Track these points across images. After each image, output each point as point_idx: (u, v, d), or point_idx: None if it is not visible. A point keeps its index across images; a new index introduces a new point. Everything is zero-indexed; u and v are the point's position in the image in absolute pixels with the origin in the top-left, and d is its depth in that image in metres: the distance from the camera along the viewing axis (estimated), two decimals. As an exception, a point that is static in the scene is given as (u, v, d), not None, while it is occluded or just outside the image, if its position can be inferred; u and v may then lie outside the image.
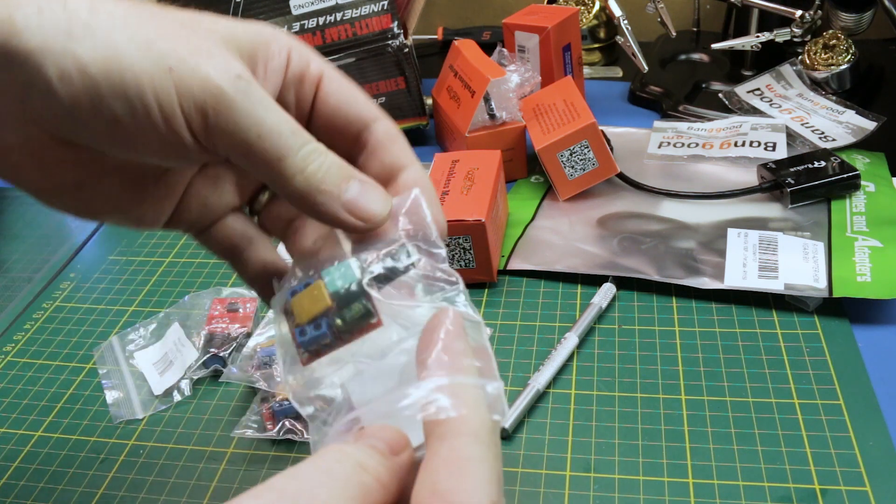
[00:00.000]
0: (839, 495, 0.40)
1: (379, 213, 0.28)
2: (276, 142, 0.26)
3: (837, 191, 0.62)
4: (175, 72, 0.24)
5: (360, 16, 0.74)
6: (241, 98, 0.25)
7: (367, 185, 0.28)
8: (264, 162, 0.26)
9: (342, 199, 0.27)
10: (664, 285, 0.56)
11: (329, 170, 0.27)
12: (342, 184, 0.27)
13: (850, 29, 0.76)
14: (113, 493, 0.44)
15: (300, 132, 0.26)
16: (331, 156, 0.27)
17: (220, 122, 0.25)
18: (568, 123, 0.64)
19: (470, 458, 0.22)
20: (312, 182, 0.27)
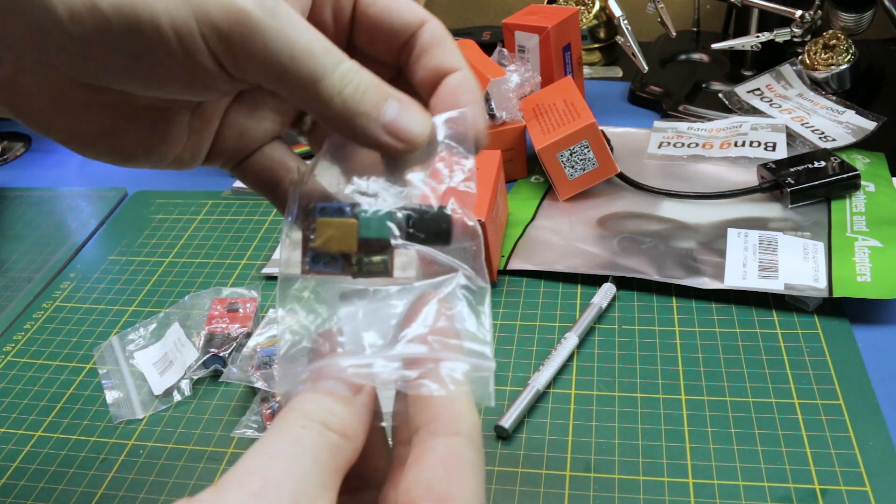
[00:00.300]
0: (839, 495, 0.40)
1: (420, 133, 0.26)
2: (309, 63, 0.24)
3: (837, 191, 0.62)
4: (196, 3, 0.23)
5: (360, 16, 0.74)
6: (268, 19, 0.23)
7: (406, 104, 0.26)
8: (299, 85, 0.24)
9: (382, 121, 0.26)
10: (664, 285, 0.56)
11: (367, 90, 0.25)
12: (381, 104, 0.26)
13: (850, 29, 0.76)
14: (113, 493, 0.44)
15: (333, 50, 0.25)
16: (366, 74, 0.25)
17: (248, 47, 0.24)
18: (568, 123, 0.64)
19: (467, 461, 0.23)
20: (350, 104, 0.25)
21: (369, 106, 0.25)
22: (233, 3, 0.23)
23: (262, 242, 0.66)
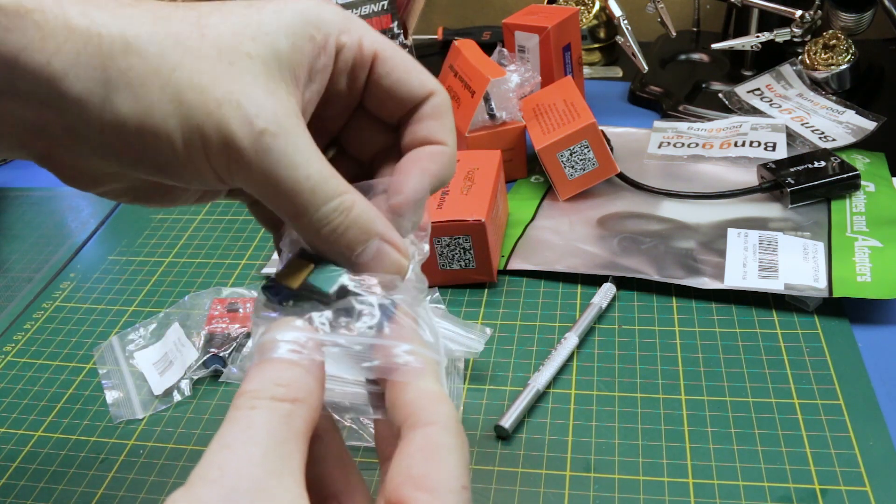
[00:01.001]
0: (839, 495, 0.40)
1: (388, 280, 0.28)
2: (294, 200, 0.26)
3: (837, 191, 0.62)
4: (202, 130, 0.25)
5: (361, 16, 0.74)
6: (260, 158, 0.25)
7: (385, 247, 0.27)
8: (283, 214, 0.26)
9: (356, 261, 0.27)
10: (664, 285, 0.56)
11: (347, 230, 0.27)
12: (358, 246, 0.27)
13: (850, 29, 0.76)
14: (113, 493, 0.44)
15: (322, 187, 0.26)
16: (353, 212, 0.27)
17: (242, 173, 0.25)
18: (568, 123, 0.64)
19: (442, 445, 0.24)
20: (328, 241, 0.27)
21: (344, 246, 0.27)
22: (234, 140, 0.25)
23: (262, 242, 0.66)
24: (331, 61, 0.28)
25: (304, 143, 0.26)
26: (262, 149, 0.25)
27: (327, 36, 0.27)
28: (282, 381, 0.24)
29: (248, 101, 0.25)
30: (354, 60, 0.29)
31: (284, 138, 0.25)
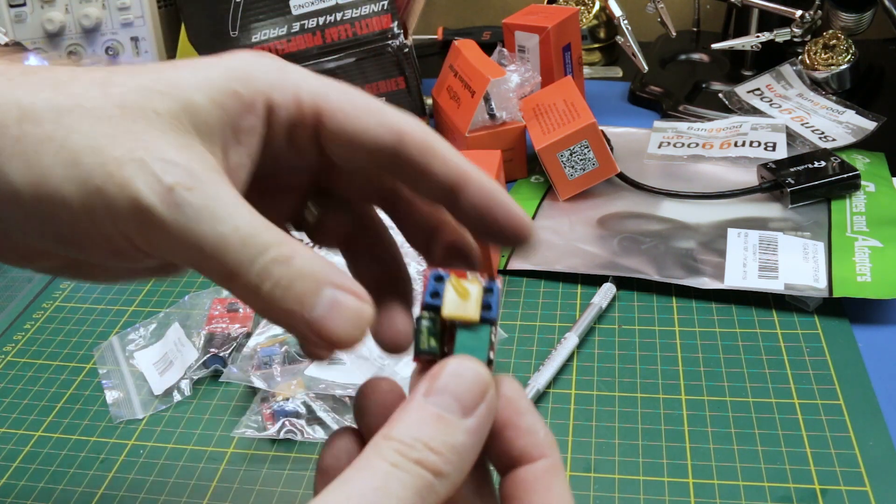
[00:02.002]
0: (839, 495, 0.40)
1: (348, 337, 0.23)
2: (223, 259, 0.22)
3: (837, 191, 0.62)
4: (103, 192, 0.22)
5: (360, 16, 0.74)
6: (173, 216, 0.21)
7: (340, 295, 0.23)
8: (217, 279, 0.23)
9: (307, 319, 0.22)
10: (664, 285, 0.56)
11: (291, 284, 0.22)
12: (308, 299, 0.22)
13: (850, 29, 0.76)
14: (113, 493, 0.44)
15: (254, 239, 0.22)
16: (297, 262, 0.22)
17: (159, 242, 0.22)
18: (568, 123, 0.64)
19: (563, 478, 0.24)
20: (271, 301, 0.22)
21: (292, 302, 0.22)
22: (139, 200, 0.21)
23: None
24: (260, 122, 0.24)
25: (227, 194, 0.22)
26: (176, 204, 0.21)
27: (255, 93, 0.24)
28: (436, 444, 0.21)
29: (152, 157, 0.22)
30: (291, 121, 0.25)
31: (201, 191, 0.22)
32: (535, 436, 0.24)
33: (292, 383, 0.48)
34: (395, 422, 0.22)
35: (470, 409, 0.22)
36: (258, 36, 0.74)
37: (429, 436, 0.22)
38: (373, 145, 0.25)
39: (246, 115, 0.24)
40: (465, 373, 0.23)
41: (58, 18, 0.88)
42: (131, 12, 0.90)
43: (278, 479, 0.44)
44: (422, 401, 0.22)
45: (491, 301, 0.24)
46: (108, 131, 0.22)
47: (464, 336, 0.24)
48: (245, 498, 0.43)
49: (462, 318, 0.24)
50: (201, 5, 0.74)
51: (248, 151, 0.25)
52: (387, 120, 0.25)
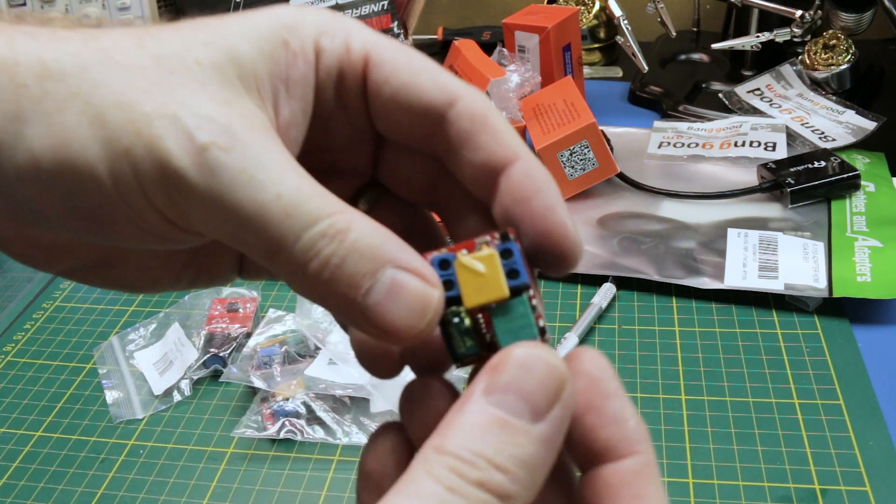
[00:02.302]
0: (839, 495, 0.40)
1: (410, 326, 0.19)
2: (263, 231, 0.19)
3: (837, 191, 0.62)
4: (130, 155, 0.19)
5: (360, 16, 0.74)
6: (206, 182, 0.19)
7: (402, 276, 0.19)
8: (258, 256, 0.20)
9: (361, 305, 0.19)
10: (664, 285, 0.56)
11: (344, 262, 0.19)
12: (363, 280, 0.19)
13: (850, 29, 0.76)
14: (113, 493, 0.44)
15: (300, 208, 0.19)
16: (351, 237, 0.19)
17: (189, 207, 0.19)
18: (568, 123, 0.64)
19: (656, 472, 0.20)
20: (319, 283, 0.19)
21: (345, 284, 0.19)
22: (169, 162, 0.19)
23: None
24: (311, 71, 0.22)
25: (272, 155, 0.19)
26: (210, 168, 0.19)
27: (304, 39, 0.21)
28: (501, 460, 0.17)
29: (187, 111, 0.19)
30: (340, 66, 0.22)
31: (240, 152, 0.19)
32: (624, 426, 0.20)
33: (292, 383, 0.48)
34: (448, 428, 0.18)
35: (542, 412, 0.18)
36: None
37: (493, 448, 0.18)
38: (419, 102, 0.22)
39: (296, 64, 0.21)
40: (535, 365, 0.18)
41: (58, 18, 0.88)
42: (131, 12, 0.90)
43: (278, 479, 0.44)
44: (481, 401, 0.18)
45: (515, 265, 0.20)
46: (140, 83, 0.19)
47: (501, 320, 0.20)
48: (245, 498, 0.43)
49: (489, 301, 0.20)
50: (202, 5, 0.74)
51: (302, 106, 0.22)
52: (440, 79, 0.22)
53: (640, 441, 0.20)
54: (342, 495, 0.43)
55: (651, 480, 0.19)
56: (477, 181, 0.22)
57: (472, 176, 0.22)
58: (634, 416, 0.20)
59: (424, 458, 0.18)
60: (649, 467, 0.20)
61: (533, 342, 0.19)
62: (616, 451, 0.20)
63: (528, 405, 0.18)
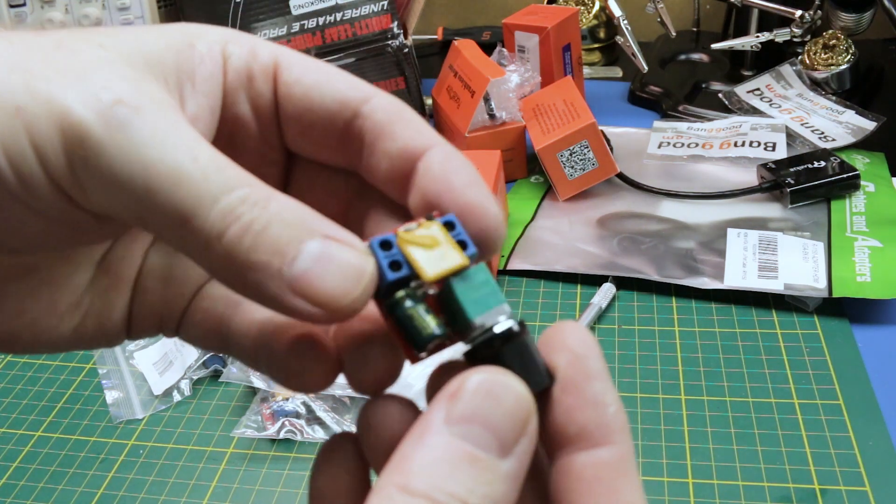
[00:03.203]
0: (839, 495, 0.40)
1: (343, 293, 0.17)
2: (174, 194, 0.17)
3: (837, 191, 0.62)
4: (24, 111, 0.17)
5: (360, 16, 0.74)
6: (114, 136, 0.17)
7: (332, 245, 0.18)
8: (165, 225, 0.17)
9: (286, 275, 0.17)
10: (664, 285, 0.56)
11: (266, 229, 0.17)
12: (290, 247, 0.17)
13: (850, 29, 0.76)
14: (113, 493, 0.44)
15: (218, 173, 0.17)
16: (273, 206, 0.17)
17: (93, 173, 0.17)
18: (568, 123, 0.64)
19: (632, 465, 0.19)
20: (238, 252, 0.17)
21: (266, 252, 0.17)
22: (68, 115, 0.17)
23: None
24: (218, 70, 0.20)
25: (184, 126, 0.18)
26: (118, 122, 0.17)
27: (211, 42, 0.20)
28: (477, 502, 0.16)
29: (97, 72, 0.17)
30: (248, 69, 0.21)
31: (152, 115, 0.17)
32: (603, 411, 0.18)
33: (292, 383, 0.48)
34: (411, 463, 0.16)
35: (510, 446, 0.17)
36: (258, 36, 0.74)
37: (465, 488, 0.16)
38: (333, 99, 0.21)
39: (203, 63, 0.20)
40: (502, 393, 0.17)
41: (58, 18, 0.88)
42: (131, 12, 0.90)
43: (278, 479, 0.44)
44: (445, 432, 0.16)
45: (461, 236, 0.19)
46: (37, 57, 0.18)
47: (464, 291, 0.18)
48: (245, 498, 0.43)
49: (452, 270, 0.18)
50: (201, 5, 0.74)
51: (209, 103, 0.20)
52: (351, 80, 0.21)
53: (619, 430, 0.18)
54: (342, 495, 0.43)
55: (626, 475, 0.18)
56: (393, 173, 0.21)
57: (389, 168, 0.21)
58: (616, 402, 0.18)
59: (389, 497, 0.16)
60: (625, 461, 0.18)
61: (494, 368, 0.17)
62: (591, 437, 0.18)
63: (496, 438, 0.17)
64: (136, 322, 0.23)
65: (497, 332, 0.18)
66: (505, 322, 0.18)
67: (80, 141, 0.17)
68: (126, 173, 0.17)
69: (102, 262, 0.22)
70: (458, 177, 0.20)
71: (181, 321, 0.23)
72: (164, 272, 0.23)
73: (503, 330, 0.18)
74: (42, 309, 0.21)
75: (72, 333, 0.22)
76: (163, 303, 0.23)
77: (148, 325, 0.23)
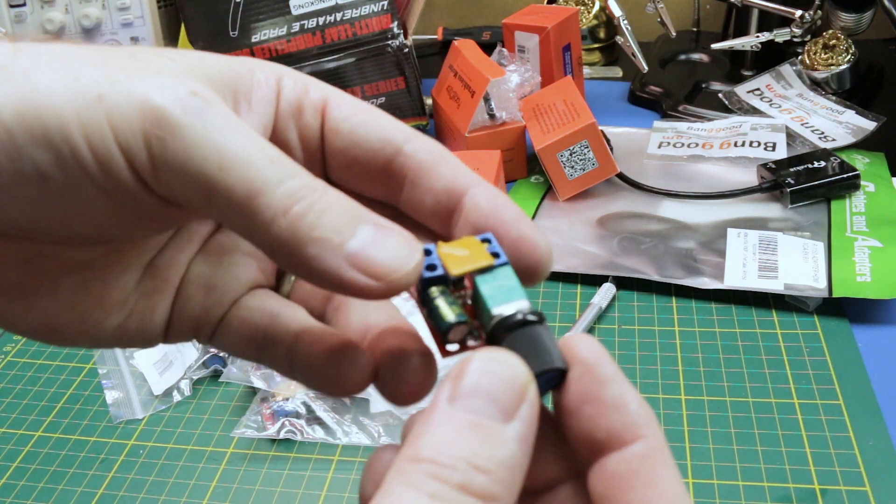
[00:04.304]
0: (839, 495, 0.40)
1: (399, 266, 0.19)
2: (245, 173, 0.18)
3: (837, 191, 0.62)
4: (106, 98, 0.18)
5: (360, 16, 0.74)
6: (192, 119, 0.18)
7: (385, 229, 0.19)
8: (232, 204, 0.19)
9: (346, 250, 0.18)
10: (664, 285, 0.56)
11: (326, 211, 0.19)
12: (345, 228, 0.19)
13: (850, 29, 0.76)
14: (113, 493, 0.44)
15: (283, 161, 0.19)
16: (332, 193, 0.19)
17: (168, 153, 0.18)
18: (568, 123, 0.64)
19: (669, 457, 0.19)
20: (301, 227, 0.18)
21: (328, 230, 0.18)
22: (148, 100, 0.18)
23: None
24: (272, 95, 0.22)
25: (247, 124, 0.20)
26: (195, 109, 0.19)
27: (268, 73, 0.22)
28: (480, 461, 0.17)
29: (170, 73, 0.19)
30: (300, 102, 0.22)
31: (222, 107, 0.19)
32: (625, 411, 0.19)
33: (292, 383, 0.48)
34: (420, 438, 0.17)
35: (512, 412, 0.18)
36: (258, 36, 0.74)
37: (470, 451, 0.17)
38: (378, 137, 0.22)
39: (260, 88, 0.22)
40: (497, 367, 0.18)
41: (58, 18, 0.88)
42: (131, 12, 0.90)
43: (278, 479, 0.44)
44: (447, 408, 0.18)
45: (495, 249, 0.20)
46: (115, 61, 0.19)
47: (487, 286, 0.20)
48: (245, 498, 0.43)
49: (476, 268, 0.20)
50: (201, 5, 0.74)
51: (262, 122, 0.22)
52: (396, 122, 0.23)
53: (645, 424, 0.19)
54: (342, 495, 0.43)
55: (662, 463, 0.19)
56: (438, 207, 0.22)
57: (434, 203, 0.22)
58: (636, 399, 0.19)
59: (399, 469, 0.17)
60: (658, 450, 0.19)
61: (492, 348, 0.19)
62: (620, 438, 0.19)
63: (497, 406, 0.18)
64: (174, 326, 0.24)
65: (506, 317, 0.19)
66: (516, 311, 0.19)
67: (160, 123, 0.18)
68: (201, 154, 0.18)
69: (150, 266, 0.23)
70: (508, 212, 0.21)
71: (216, 329, 0.24)
72: (206, 281, 0.24)
73: (509, 314, 0.19)
74: (91, 303, 0.22)
75: (114, 330, 0.23)
76: (202, 310, 0.24)
77: (185, 330, 0.24)
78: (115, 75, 0.19)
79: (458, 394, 0.18)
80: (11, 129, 0.18)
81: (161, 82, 0.19)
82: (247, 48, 0.74)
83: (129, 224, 0.20)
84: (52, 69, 0.19)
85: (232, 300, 0.24)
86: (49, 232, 0.20)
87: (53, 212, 0.19)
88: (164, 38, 0.93)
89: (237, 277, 0.24)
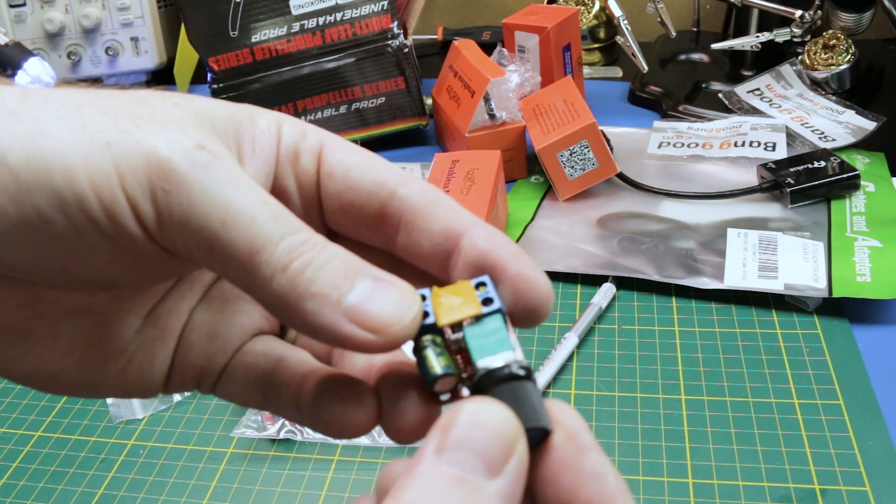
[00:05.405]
0: (839, 495, 0.40)
1: (396, 319, 0.19)
2: (247, 229, 0.19)
3: (837, 191, 0.62)
4: (114, 147, 0.19)
5: (360, 16, 0.74)
6: (198, 174, 0.19)
7: (383, 283, 0.19)
8: (233, 258, 0.19)
9: (343, 304, 0.19)
10: (664, 285, 0.56)
11: (325, 266, 0.19)
12: (343, 283, 0.19)
13: (850, 29, 0.76)
14: (113, 493, 0.44)
15: (285, 217, 0.19)
16: (331, 248, 0.20)
17: (173, 206, 0.19)
18: (568, 123, 0.64)
19: None
20: (299, 283, 0.19)
21: (325, 285, 0.19)
22: (156, 152, 0.19)
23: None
24: (273, 143, 0.22)
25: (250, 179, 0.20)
26: (199, 163, 0.19)
27: (269, 121, 0.23)
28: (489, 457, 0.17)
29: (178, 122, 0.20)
30: (297, 148, 0.23)
31: (228, 161, 0.20)
32: (604, 482, 0.19)
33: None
34: (401, 492, 0.17)
35: (498, 467, 0.17)
36: (258, 36, 0.74)
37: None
38: (372, 180, 0.22)
39: (262, 135, 0.22)
40: (487, 419, 0.18)
41: (58, 18, 0.88)
42: (131, 12, 0.90)
43: (278, 479, 0.44)
44: (433, 460, 0.17)
45: (489, 294, 0.20)
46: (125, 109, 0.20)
47: (474, 336, 0.20)
48: (245, 498, 0.43)
49: (462, 318, 0.20)
50: (201, 5, 0.74)
51: (265, 169, 0.22)
52: (391, 166, 0.23)
53: (621, 495, 0.19)
54: (342, 495, 0.43)
55: None
56: (434, 249, 0.22)
57: (430, 245, 0.22)
58: (613, 471, 0.19)
59: None
60: None
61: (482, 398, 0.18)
62: None
63: (483, 460, 0.17)
64: (175, 375, 0.24)
65: (491, 370, 0.19)
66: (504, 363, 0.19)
67: (166, 176, 0.19)
68: (206, 208, 0.19)
69: (151, 314, 0.23)
70: (506, 250, 0.21)
71: (220, 376, 0.24)
72: (209, 329, 0.24)
73: (496, 367, 0.19)
74: (90, 350, 0.22)
75: (113, 378, 0.23)
76: (205, 358, 0.24)
77: (187, 379, 0.24)
78: (124, 124, 0.19)
79: (446, 445, 0.17)
80: (17, 173, 0.18)
81: (169, 135, 0.19)
82: (247, 48, 0.75)
83: (131, 270, 0.20)
84: (60, 115, 0.19)
85: (235, 347, 0.24)
86: (49, 275, 0.20)
87: (54, 256, 0.19)
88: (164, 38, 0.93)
89: (241, 325, 0.24)
